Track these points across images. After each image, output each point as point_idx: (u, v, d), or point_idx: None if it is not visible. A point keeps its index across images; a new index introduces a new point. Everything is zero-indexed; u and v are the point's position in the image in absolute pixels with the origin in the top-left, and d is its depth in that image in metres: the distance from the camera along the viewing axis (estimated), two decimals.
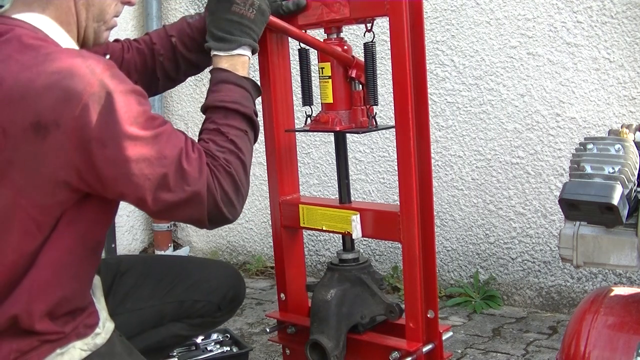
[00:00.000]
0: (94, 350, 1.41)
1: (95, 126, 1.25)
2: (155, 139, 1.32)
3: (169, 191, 1.34)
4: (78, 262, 1.39)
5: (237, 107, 1.51)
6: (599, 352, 1.34)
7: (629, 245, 1.34)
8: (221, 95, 1.51)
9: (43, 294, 1.35)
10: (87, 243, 1.40)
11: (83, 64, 1.26)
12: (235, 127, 1.49)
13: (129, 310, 1.69)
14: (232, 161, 1.45)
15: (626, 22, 2.54)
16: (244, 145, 1.49)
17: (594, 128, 2.63)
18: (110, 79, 1.28)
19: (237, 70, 1.56)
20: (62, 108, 1.23)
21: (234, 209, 1.44)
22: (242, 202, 1.47)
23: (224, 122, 1.49)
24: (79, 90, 1.24)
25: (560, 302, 2.78)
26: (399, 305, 1.74)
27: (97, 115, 1.25)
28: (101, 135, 1.26)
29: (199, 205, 1.38)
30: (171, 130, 1.37)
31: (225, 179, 1.42)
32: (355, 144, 3.15)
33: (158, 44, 1.76)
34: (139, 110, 1.30)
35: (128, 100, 1.29)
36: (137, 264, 1.79)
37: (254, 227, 3.59)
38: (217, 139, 1.46)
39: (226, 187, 1.42)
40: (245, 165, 1.48)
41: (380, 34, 2.26)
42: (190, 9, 3.60)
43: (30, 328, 1.34)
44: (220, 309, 1.82)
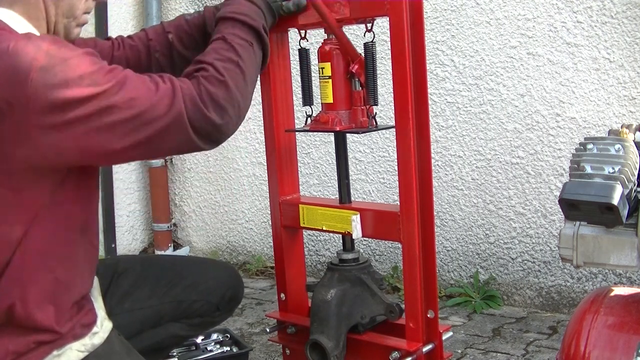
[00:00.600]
0: (91, 351, 1.41)
1: (50, 97, 1.24)
2: (118, 85, 1.30)
3: (146, 126, 1.32)
4: (65, 244, 1.38)
5: (245, 19, 1.53)
6: (599, 352, 1.34)
7: (629, 245, 1.34)
8: (232, 7, 1.55)
9: (34, 281, 1.34)
10: (72, 224, 1.39)
11: (29, 42, 1.27)
12: (240, 37, 1.50)
13: (127, 311, 1.69)
14: (229, 68, 1.44)
15: (626, 22, 2.54)
16: (246, 54, 1.49)
17: (594, 128, 2.63)
18: (57, 50, 1.27)
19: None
20: (11, 87, 1.23)
21: (228, 116, 1.41)
22: (237, 111, 1.44)
23: (230, 31, 1.51)
24: (25, 67, 1.23)
25: (560, 302, 2.78)
26: (399, 305, 1.74)
27: (50, 86, 1.24)
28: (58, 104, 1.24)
29: (180, 128, 1.36)
30: (133, 74, 1.36)
31: (216, 88, 1.40)
32: (355, 144, 3.15)
33: (154, 40, 1.76)
34: (92, 70, 1.29)
35: (79, 63, 1.28)
36: (135, 264, 1.79)
37: (254, 227, 3.59)
38: (219, 47, 1.48)
39: (216, 95, 1.39)
40: (244, 72, 1.47)
41: (380, 34, 2.26)
42: (190, 8, 3.60)
43: (27, 320, 1.34)
44: (219, 308, 1.82)
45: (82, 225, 1.43)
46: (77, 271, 1.43)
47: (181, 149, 1.44)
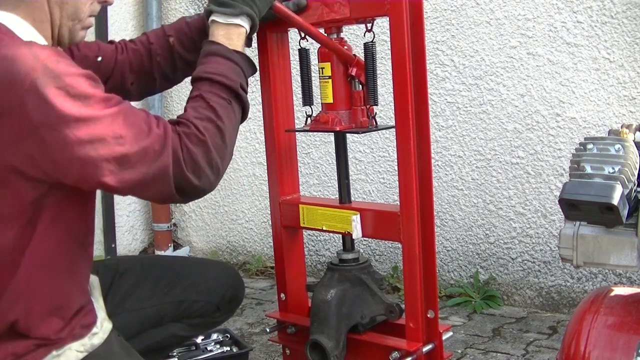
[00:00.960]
0: (90, 351, 1.41)
1: (41, 112, 1.23)
2: (110, 117, 1.28)
3: (131, 169, 1.30)
4: (68, 257, 1.39)
5: (222, 80, 1.46)
6: (599, 352, 1.34)
7: (629, 245, 1.34)
8: (208, 67, 1.48)
9: (38, 294, 1.34)
10: (74, 237, 1.40)
11: (28, 51, 1.25)
12: (218, 96, 1.45)
13: (128, 311, 1.69)
14: (209, 128, 1.40)
15: (626, 22, 2.54)
16: (224, 113, 1.44)
17: (594, 128, 2.63)
18: (55, 64, 1.26)
19: (232, 39, 1.52)
20: (6, 94, 1.22)
21: (206, 178, 1.38)
22: (216, 172, 1.41)
23: (207, 89, 1.46)
24: (21, 77, 1.22)
25: (560, 302, 2.78)
26: (399, 305, 1.74)
27: (43, 101, 1.22)
28: (48, 120, 1.23)
29: (164, 181, 1.33)
30: (128, 108, 1.33)
31: (196, 147, 1.37)
32: (355, 144, 3.15)
33: (155, 43, 1.76)
34: (87, 92, 1.27)
35: (75, 84, 1.26)
36: (136, 265, 1.79)
37: (254, 227, 3.59)
38: (197, 105, 1.43)
39: (196, 155, 1.36)
40: (223, 133, 1.42)
41: (380, 34, 2.26)
42: (190, 9, 3.60)
43: (29, 331, 1.34)
44: (219, 309, 1.82)
45: (82, 237, 1.43)
46: (77, 282, 1.44)
47: (160, 200, 1.42)
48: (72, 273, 1.41)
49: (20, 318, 1.33)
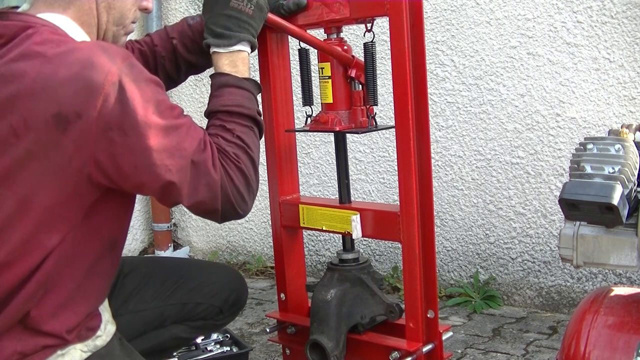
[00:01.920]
0: (94, 351, 1.41)
1: (116, 115, 1.25)
2: (175, 129, 1.33)
3: (188, 183, 1.34)
4: (93, 255, 1.39)
5: (240, 110, 1.51)
6: (599, 352, 1.34)
7: (629, 245, 1.34)
8: (223, 99, 1.51)
9: (56, 287, 1.34)
10: (103, 237, 1.40)
11: (103, 54, 1.27)
12: (240, 124, 1.49)
13: (131, 312, 1.70)
14: (241, 156, 1.45)
15: (626, 22, 2.54)
16: (250, 141, 1.49)
17: (594, 128, 2.63)
18: (129, 68, 1.28)
19: (238, 66, 1.55)
20: (83, 98, 1.24)
21: (244, 204, 1.45)
22: (252, 198, 1.47)
23: (229, 119, 1.49)
24: (100, 80, 1.24)
25: (560, 302, 2.78)
26: (399, 305, 1.74)
27: (118, 104, 1.25)
28: (122, 124, 1.26)
29: (214, 198, 1.39)
30: (190, 122, 1.38)
31: (236, 174, 1.42)
32: (355, 144, 3.15)
33: (159, 45, 1.77)
34: (158, 99, 1.32)
35: (148, 89, 1.30)
36: (140, 266, 1.80)
37: (254, 227, 3.59)
38: (225, 135, 1.46)
39: (237, 182, 1.42)
40: (253, 160, 1.48)
41: (380, 34, 2.26)
42: (190, 9, 3.60)
43: (39, 325, 1.34)
44: (222, 312, 1.82)
45: (112, 239, 1.44)
46: (98, 284, 1.44)
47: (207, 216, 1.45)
48: (95, 273, 1.41)
49: (35, 308, 1.33)
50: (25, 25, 1.31)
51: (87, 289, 1.40)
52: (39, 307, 1.33)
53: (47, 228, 1.30)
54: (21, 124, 1.25)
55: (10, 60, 1.27)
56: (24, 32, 1.30)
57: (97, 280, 1.43)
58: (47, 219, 1.29)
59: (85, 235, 1.36)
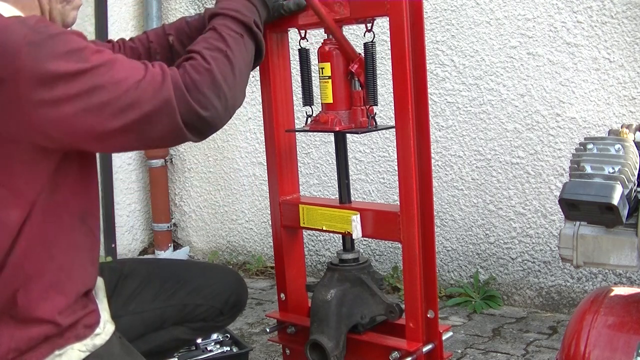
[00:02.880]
0: (92, 351, 1.41)
1: (36, 73, 1.24)
2: (107, 65, 1.29)
3: (132, 109, 1.30)
4: (65, 231, 1.38)
5: (235, 15, 1.50)
6: (599, 352, 1.34)
7: (629, 245, 1.34)
8: (222, 3, 1.53)
9: (36, 269, 1.33)
10: (73, 212, 1.39)
11: (16, 20, 1.28)
12: (229, 28, 1.48)
13: (131, 313, 1.69)
14: (216, 57, 1.40)
15: (626, 22, 2.54)
16: (235, 45, 1.46)
17: (594, 128, 2.63)
18: (45, 27, 1.27)
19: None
20: (1, 62, 1.23)
21: (213, 108, 1.37)
22: (224, 103, 1.39)
23: (220, 22, 1.48)
24: (15, 42, 1.23)
25: (560, 302, 2.78)
26: (399, 305, 1.74)
27: (39, 61, 1.24)
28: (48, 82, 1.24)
29: (169, 113, 1.33)
30: (123, 58, 1.35)
31: (200, 75, 1.36)
32: (355, 144, 3.15)
33: (155, 42, 1.76)
34: (81, 45, 1.29)
35: (68, 39, 1.28)
36: (140, 267, 1.79)
37: (254, 227, 3.59)
38: (208, 36, 1.45)
39: (199, 83, 1.35)
40: (232, 64, 1.43)
41: (380, 34, 2.26)
42: (190, 9, 3.60)
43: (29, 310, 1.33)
44: (222, 313, 1.82)
45: (82, 212, 1.42)
46: (79, 259, 1.42)
47: (171, 138, 1.39)
48: (72, 249, 1.40)
49: (19, 291, 1.32)
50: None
51: (68, 267, 1.39)
52: (25, 293, 1.33)
53: (3, 204, 1.29)
54: None
55: None
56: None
57: (76, 256, 1.41)
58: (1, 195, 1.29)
59: (53, 212, 1.34)
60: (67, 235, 1.39)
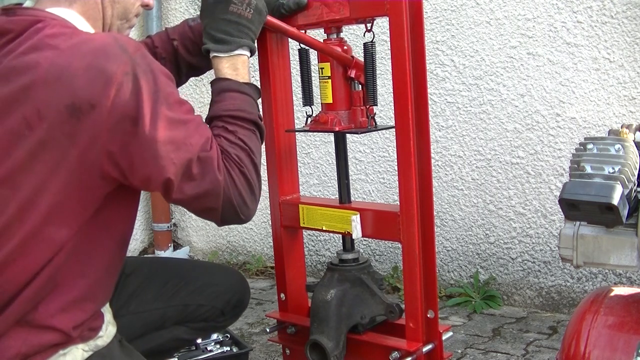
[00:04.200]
0: (95, 350, 1.42)
1: (129, 105, 1.26)
2: (183, 123, 1.33)
3: (191, 180, 1.35)
4: (105, 254, 1.40)
5: (243, 114, 1.51)
6: (599, 352, 1.34)
7: (629, 245, 1.34)
8: (225, 104, 1.52)
9: (66, 284, 1.34)
10: (114, 235, 1.41)
11: (115, 44, 1.28)
12: (242, 127, 1.49)
13: (132, 312, 1.69)
14: (244, 159, 1.45)
15: (626, 22, 2.54)
16: (253, 144, 1.49)
17: (594, 128, 2.63)
18: (142, 59, 1.30)
19: (238, 69, 1.55)
20: (96, 89, 1.24)
21: (247, 208, 1.46)
22: (255, 203, 1.48)
23: (231, 122, 1.49)
24: (113, 70, 1.25)
25: (560, 302, 2.78)
26: (399, 305, 1.74)
27: (131, 94, 1.26)
28: (134, 114, 1.27)
29: (216, 197, 1.39)
30: (200, 121, 1.40)
31: (239, 178, 1.42)
32: (355, 144, 3.15)
33: (160, 47, 1.77)
34: (168, 91, 1.32)
35: (159, 81, 1.31)
36: (142, 267, 1.79)
37: (254, 227, 3.59)
38: (227, 136, 1.46)
39: (240, 186, 1.42)
40: (255, 165, 1.48)
41: (380, 34, 2.26)
42: (190, 9, 3.60)
43: (46, 320, 1.34)
44: (224, 314, 1.82)
45: (122, 236, 1.45)
46: (106, 282, 1.45)
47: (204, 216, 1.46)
48: (104, 271, 1.42)
49: (43, 303, 1.33)
50: (34, 20, 1.32)
51: (97, 287, 1.41)
52: (47, 302, 1.33)
53: (56, 221, 1.30)
54: (35, 115, 1.25)
55: (21, 54, 1.28)
56: (33, 26, 1.31)
57: (107, 278, 1.44)
58: (56, 212, 1.29)
59: (96, 232, 1.36)
60: (103, 257, 1.41)
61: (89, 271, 1.37)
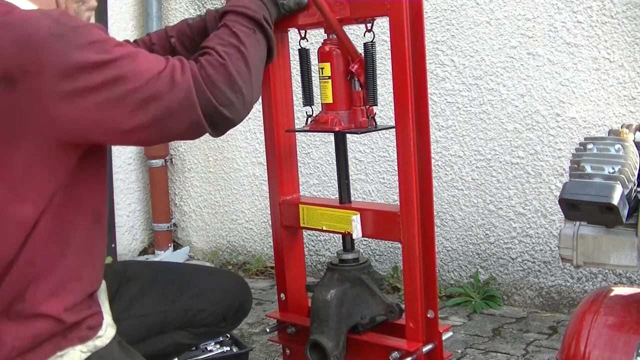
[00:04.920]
0: (93, 351, 1.41)
1: (62, 63, 1.24)
2: (129, 57, 1.30)
3: (155, 101, 1.30)
4: (78, 230, 1.39)
5: (245, 11, 1.51)
6: (599, 352, 1.34)
7: (629, 245, 1.34)
8: (232, 1, 1.54)
9: (47, 266, 1.34)
10: (86, 211, 1.40)
11: (39, 12, 1.29)
12: (241, 24, 1.49)
13: (133, 316, 1.68)
14: (230, 53, 1.41)
15: (626, 22, 2.54)
16: (248, 40, 1.47)
17: (594, 128, 2.63)
18: (68, 19, 1.29)
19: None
20: (25, 54, 1.24)
21: (231, 104, 1.38)
22: (241, 97, 1.40)
23: (231, 19, 1.50)
24: (39, 34, 1.24)
25: (560, 302, 2.78)
26: (399, 305, 1.74)
27: (62, 52, 1.25)
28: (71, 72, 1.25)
29: (190, 107, 1.33)
30: (144, 52, 1.36)
31: (215, 70, 1.37)
32: (355, 144, 3.15)
33: (157, 44, 1.77)
34: (103, 37, 1.30)
35: (91, 31, 1.29)
36: (143, 270, 1.78)
37: (254, 227, 3.59)
38: (221, 32, 1.46)
39: (215, 78, 1.36)
40: (245, 58, 1.43)
41: (380, 34, 2.26)
42: (190, 9, 3.60)
43: (36, 306, 1.33)
44: (226, 319, 1.81)
45: (95, 210, 1.43)
46: (90, 259, 1.43)
47: (191, 133, 1.39)
48: (84, 248, 1.41)
49: (28, 286, 1.32)
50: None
51: (79, 266, 1.39)
52: (34, 289, 1.33)
53: (18, 198, 1.29)
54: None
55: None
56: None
57: (87, 255, 1.42)
58: (17, 188, 1.29)
59: (68, 210, 1.35)
60: (80, 234, 1.39)
61: (68, 251, 1.36)
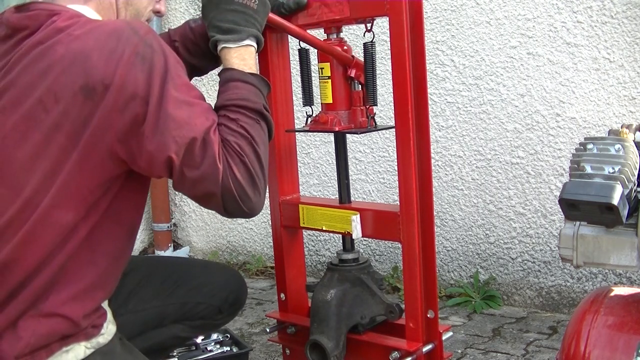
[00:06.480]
0: (96, 348, 1.42)
1: (139, 85, 1.28)
2: (189, 105, 1.34)
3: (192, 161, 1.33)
4: (114, 241, 1.41)
5: (245, 103, 1.48)
6: (599, 352, 1.34)
7: (629, 245, 1.34)
8: (228, 94, 1.50)
9: (78, 272, 1.35)
10: (123, 223, 1.42)
11: (127, 27, 1.31)
12: (245, 115, 1.46)
13: (131, 311, 1.70)
14: (245, 148, 1.40)
15: (626, 22, 2.54)
16: (256, 133, 1.45)
17: (594, 128, 2.63)
18: (153, 40, 1.32)
19: (245, 59, 1.53)
20: (109, 69, 1.27)
21: (249, 200, 1.40)
22: (258, 196, 1.42)
23: (233, 111, 1.47)
24: (124, 51, 1.28)
25: (560, 302, 2.78)
26: (399, 305, 1.74)
27: (141, 74, 1.28)
28: (144, 94, 1.28)
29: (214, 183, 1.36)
30: (208, 106, 1.40)
31: (238, 168, 1.38)
32: (355, 144, 3.15)
33: None
34: (177, 73, 1.34)
35: (170, 63, 1.33)
36: (140, 265, 1.80)
37: (254, 227, 3.59)
38: (228, 124, 1.43)
39: (239, 176, 1.37)
40: (259, 155, 1.43)
41: (380, 34, 2.26)
42: (190, 9, 3.60)
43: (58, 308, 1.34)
44: (221, 311, 1.83)
45: (131, 223, 1.46)
46: (114, 270, 1.46)
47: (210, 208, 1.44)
48: (114, 259, 1.43)
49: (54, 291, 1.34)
50: (49, 13, 1.35)
51: (106, 275, 1.41)
52: (58, 290, 1.34)
53: (63, 205, 1.31)
54: (51, 98, 1.28)
55: (38, 43, 1.31)
56: (48, 19, 1.34)
57: (115, 267, 1.45)
58: (63, 194, 1.31)
59: (107, 220, 1.37)
60: (113, 244, 1.42)
61: (98, 259, 1.38)
